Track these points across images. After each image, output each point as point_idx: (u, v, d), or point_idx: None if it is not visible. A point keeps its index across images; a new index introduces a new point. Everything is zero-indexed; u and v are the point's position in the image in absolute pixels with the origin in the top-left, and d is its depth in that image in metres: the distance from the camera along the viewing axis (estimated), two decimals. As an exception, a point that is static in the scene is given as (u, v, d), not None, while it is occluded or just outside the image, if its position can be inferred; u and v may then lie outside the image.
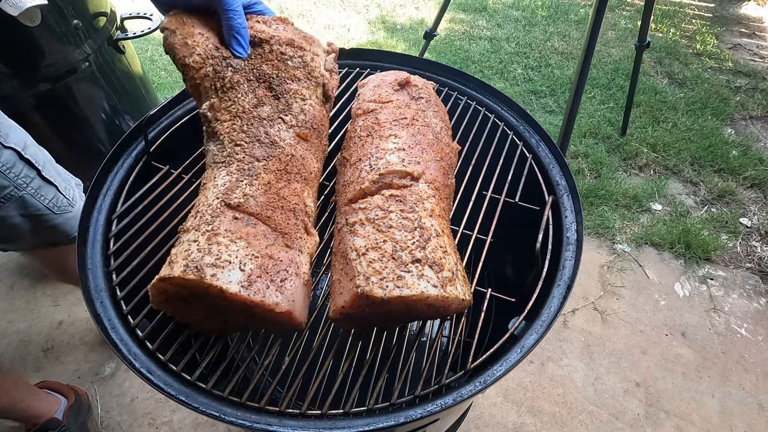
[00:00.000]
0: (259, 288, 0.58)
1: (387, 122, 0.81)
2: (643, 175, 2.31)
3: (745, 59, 3.06)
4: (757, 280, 1.91)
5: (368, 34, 3.25)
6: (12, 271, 1.84)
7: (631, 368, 1.63)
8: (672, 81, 2.86)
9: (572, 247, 0.78)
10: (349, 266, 0.62)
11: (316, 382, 0.65)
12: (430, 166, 0.75)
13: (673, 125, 2.52)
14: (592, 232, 2.05)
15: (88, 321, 1.69)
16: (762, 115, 2.64)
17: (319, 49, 0.89)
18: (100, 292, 0.71)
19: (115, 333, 0.67)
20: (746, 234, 2.07)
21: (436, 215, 0.68)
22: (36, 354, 1.61)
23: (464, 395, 0.61)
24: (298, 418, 0.61)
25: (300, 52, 0.84)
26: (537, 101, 2.70)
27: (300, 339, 0.72)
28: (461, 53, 3.01)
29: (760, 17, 3.48)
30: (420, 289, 0.58)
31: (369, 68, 1.13)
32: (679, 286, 1.88)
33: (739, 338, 1.72)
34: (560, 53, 3.07)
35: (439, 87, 1.08)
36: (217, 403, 0.61)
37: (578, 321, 1.76)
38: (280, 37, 0.84)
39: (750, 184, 2.26)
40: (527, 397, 1.55)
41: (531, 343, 0.66)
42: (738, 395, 1.58)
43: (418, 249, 0.61)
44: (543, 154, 0.94)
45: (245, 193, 0.66)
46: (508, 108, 1.04)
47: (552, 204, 0.84)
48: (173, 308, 0.62)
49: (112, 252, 0.76)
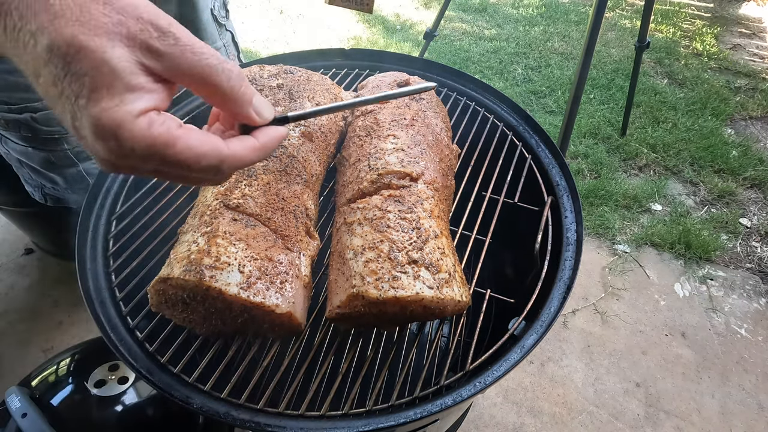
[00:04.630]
0: (259, 289, 0.58)
1: (386, 123, 0.81)
2: (643, 175, 2.31)
3: (745, 59, 3.06)
4: (757, 281, 1.90)
5: (368, 35, 3.25)
6: (12, 271, 1.84)
7: (631, 368, 1.63)
8: (672, 81, 2.86)
9: (572, 247, 0.78)
10: (345, 266, 0.62)
11: (316, 382, 0.65)
12: (429, 166, 0.75)
13: (673, 125, 2.52)
14: (592, 233, 2.05)
15: (88, 321, 1.69)
16: (762, 115, 2.64)
17: (345, 93, 0.95)
18: (100, 293, 0.71)
19: (115, 333, 0.67)
20: (746, 234, 2.07)
21: (435, 216, 0.68)
22: (36, 354, 1.61)
23: (464, 396, 0.61)
24: (297, 419, 0.61)
25: (325, 82, 0.89)
26: (537, 101, 2.69)
27: (299, 339, 0.72)
28: (461, 53, 3.01)
29: (759, 17, 3.48)
30: (415, 290, 0.58)
31: (369, 69, 1.13)
32: (679, 287, 1.88)
33: (739, 338, 1.72)
34: (560, 53, 3.07)
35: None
36: (216, 403, 0.61)
37: (578, 321, 1.76)
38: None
39: (750, 185, 2.26)
40: (527, 398, 1.55)
41: (531, 343, 0.66)
42: (738, 395, 1.57)
43: (415, 250, 0.61)
44: (543, 154, 0.94)
45: (244, 194, 0.66)
46: (507, 108, 1.04)
47: (551, 204, 0.84)
48: (172, 310, 0.62)
49: (111, 253, 0.76)
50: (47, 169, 1.12)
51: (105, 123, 0.32)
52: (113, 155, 0.34)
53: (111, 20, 0.32)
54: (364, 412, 0.62)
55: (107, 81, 0.32)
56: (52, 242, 1.82)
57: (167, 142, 0.35)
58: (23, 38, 0.31)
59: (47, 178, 1.15)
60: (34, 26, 0.31)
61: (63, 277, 1.82)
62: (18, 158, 1.12)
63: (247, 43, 3.12)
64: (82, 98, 0.32)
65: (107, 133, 0.32)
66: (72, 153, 1.10)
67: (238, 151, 0.40)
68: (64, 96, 0.32)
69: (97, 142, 0.33)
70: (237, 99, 0.39)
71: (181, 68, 0.35)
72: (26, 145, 1.07)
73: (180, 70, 0.35)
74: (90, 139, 0.33)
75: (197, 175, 0.39)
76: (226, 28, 1.25)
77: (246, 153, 0.41)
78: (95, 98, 0.32)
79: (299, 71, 0.89)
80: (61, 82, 0.31)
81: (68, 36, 0.31)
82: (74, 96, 0.32)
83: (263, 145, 0.42)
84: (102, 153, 0.34)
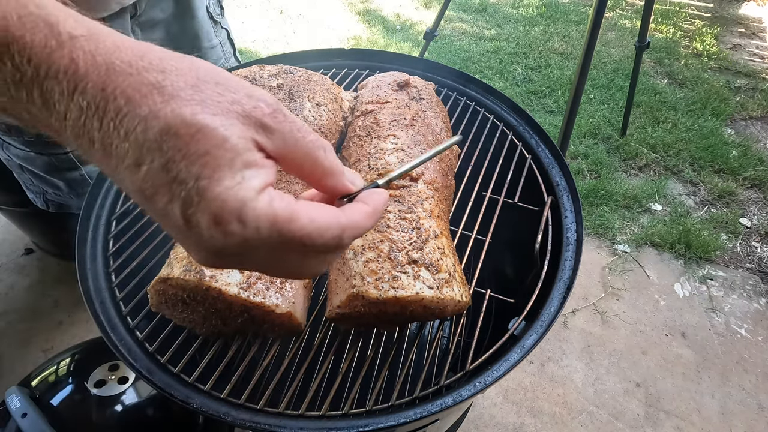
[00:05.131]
0: (259, 289, 0.58)
1: (386, 123, 0.81)
2: (643, 175, 2.31)
3: (745, 59, 3.06)
4: (757, 281, 1.90)
5: (368, 35, 3.25)
6: (12, 271, 1.84)
7: (631, 368, 1.63)
8: (672, 81, 2.86)
9: (572, 247, 0.78)
10: (345, 266, 0.62)
11: (316, 382, 0.65)
12: (429, 166, 0.75)
13: (673, 125, 2.52)
14: (592, 233, 2.05)
15: (88, 321, 1.69)
16: (762, 115, 2.64)
17: (345, 93, 0.94)
18: (100, 293, 0.71)
19: (115, 333, 0.67)
20: (746, 234, 2.07)
21: (435, 216, 0.68)
22: (36, 354, 1.61)
23: (464, 396, 0.61)
24: (297, 419, 0.61)
25: (325, 82, 0.88)
26: (537, 101, 2.70)
27: (299, 339, 0.72)
28: (461, 53, 3.01)
29: (759, 17, 3.48)
30: (415, 290, 0.58)
31: (368, 69, 1.13)
32: (679, 287, 1.88)
33: (739, 338, 1.72)
34: (560, 53, 3.07)
35: (439, 87, 1.08)
36: (216, 403, 0.61)
37: (578, 321, 1.76)
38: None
39: (750, 185, 2.26)
40: (527, 398, 1.55)
41: (531, 343, 0.66)
42: (738, 395, 1.57)
43: (415, 250, 0.61)
44: (543, 154, 0.94)
45: (245, 194, 0.66)
46: (507, 108, 1.04)
47: (551, 204, 0.84)
48: (172, 310, 0.63)
49: (111, 253, 0.76)
50: (50, 173, 1.12)
51: (230, 203, 0.29)
52: (230, 240, 0.31)
53: (226, 99, 0.31)
54: (364, 412, 0.62)
55: (228, 158, 0.30)
56: (52, 242, 1.82)
57: (291, 217, 0.32)
58: (128, 124, 0.29)
59: (50, 183, 1.15)
60: (146, 109, 0.29)
61: (63, 277, 1.82)
62: (20, 164, 1.11)
63: (247, 43, 3.12)
64: (203, 179, 0.29)
65: (231, 215, 0.30)
66: (74, 156, 1.10)
67: (356, 218, 0.38)
68: (176, 182, 0.29)
69: (215, 228, 0.30)
70: (335, 172, 0.38)
71: (288, 145, 0.34)
72: (29, 149, 1.06)
73: (287, 146, 0.34)
74: (205, 225, 0.30)
75: (315, 254, 0.36)
76: (221, 25, 1.25)
77: (362, 219, 0.38)
78: (218, 177, 0.29)
79: (299, 71, 0.89)
80: (176, 165, 0.29)
81: (188, 115, 0.29)
82: (193, 178, 0.29)
83: (375, 209, 0.40)
84: (217, 240, 0.31)
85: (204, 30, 1.18)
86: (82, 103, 0.29)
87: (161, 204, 0.30)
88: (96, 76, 0.28)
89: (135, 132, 0.29)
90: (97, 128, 0.29)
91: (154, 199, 0.30)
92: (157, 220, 0.32)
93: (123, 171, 0.30)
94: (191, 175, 0.29)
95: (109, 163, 0.30)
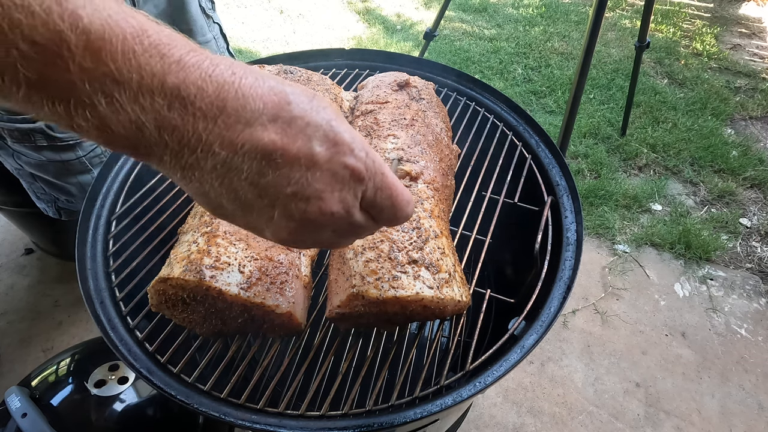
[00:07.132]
0: (259, 290, 0.58)
1: (386, 122, 0.81)
2: (643, 175, 2.31)
3: (745, 59, 3.06)
4: (757, 281, 1.90)
5: (368, 35, 3.25)
6: (12, 271, 1.84)
7: (631, 369, 1.63)
8: (672, 81, 2.86)
9: (572, 247, 0.78)
10: (345, 265, 0.62)
11: (316, 382, 0.65)
12: (429, 166, 0.75)
13: (673, 125, 2.52)
14: (592, 233, 2.05)
15: (88, 321, 1.69)
16: (762, 115, 2.64)
17: (345, 93, 0.94)
18: (100, 293, 0.71)
19: (115, 333, 0.67)
20: (746, 234, 2.07)
21: (435, 216, 0.68)
22: (36, 354, 1.61)
23: (464, 396, 0.61)
24: (297, 419, 0.61)
25: (325, 82, 0.87)
26: (537, 101, 2.69)
27: (299, 339, 0.72)
28: (461, 53, 3.01)
29: (759, 17, 3.48)
30: (415, 290, 0.58)
31: (368, 69, 1.13)
32: (679, 287, 1.88)
33: (739, 338, 1.72)
34: (560, 53, 3.07)
35: (439, 87, 1.08)
36: (216, 403, 0.61)
37: (578, 321, 1.76)
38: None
39: (750, 185, 2.26)
40: (527, 398, 1.55)
41: (531, 343, 0.66)
42: (738, 395, 1.57)
43: (415, 250, 0.61)
44: (543, 154, 0.94)
45: (245, 194, 0.66)
46: (507, 108, 1.04)
47: (551, 204, 0.84)
48: (172, 310, 0.63)
49: (111, 253, 0.76)
50: (62, 178, 1.12)
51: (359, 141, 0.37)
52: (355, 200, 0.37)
53: None
54: (364, 412, 0.62)
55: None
56: (52, 242, 1.82)
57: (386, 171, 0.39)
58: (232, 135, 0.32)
59: (62, 189, 1.15)
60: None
61: (63, 277, 1.82)
62: (31, 172, 1.11)
63: (247, 43, 3.12)
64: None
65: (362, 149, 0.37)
66: (86, 159, 1.11)
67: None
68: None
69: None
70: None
71: None
72: (40, 155, 1.06)
73: None
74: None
75: (398, 213, 0.41)
76: (213, 20, 1.26)
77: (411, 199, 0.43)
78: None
79: (299, 71, 0.89)
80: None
81: None
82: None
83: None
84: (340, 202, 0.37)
85: (198, 25, 1.18)
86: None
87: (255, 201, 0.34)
88: None
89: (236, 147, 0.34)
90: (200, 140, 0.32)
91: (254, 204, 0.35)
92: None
93: (218, 186, 0.34)
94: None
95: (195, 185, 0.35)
